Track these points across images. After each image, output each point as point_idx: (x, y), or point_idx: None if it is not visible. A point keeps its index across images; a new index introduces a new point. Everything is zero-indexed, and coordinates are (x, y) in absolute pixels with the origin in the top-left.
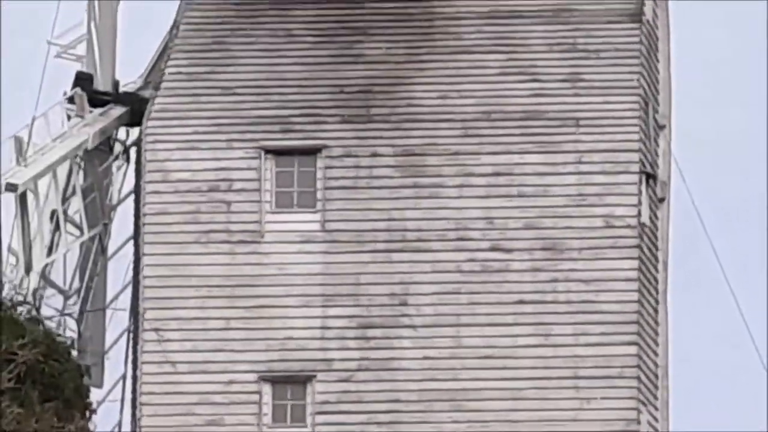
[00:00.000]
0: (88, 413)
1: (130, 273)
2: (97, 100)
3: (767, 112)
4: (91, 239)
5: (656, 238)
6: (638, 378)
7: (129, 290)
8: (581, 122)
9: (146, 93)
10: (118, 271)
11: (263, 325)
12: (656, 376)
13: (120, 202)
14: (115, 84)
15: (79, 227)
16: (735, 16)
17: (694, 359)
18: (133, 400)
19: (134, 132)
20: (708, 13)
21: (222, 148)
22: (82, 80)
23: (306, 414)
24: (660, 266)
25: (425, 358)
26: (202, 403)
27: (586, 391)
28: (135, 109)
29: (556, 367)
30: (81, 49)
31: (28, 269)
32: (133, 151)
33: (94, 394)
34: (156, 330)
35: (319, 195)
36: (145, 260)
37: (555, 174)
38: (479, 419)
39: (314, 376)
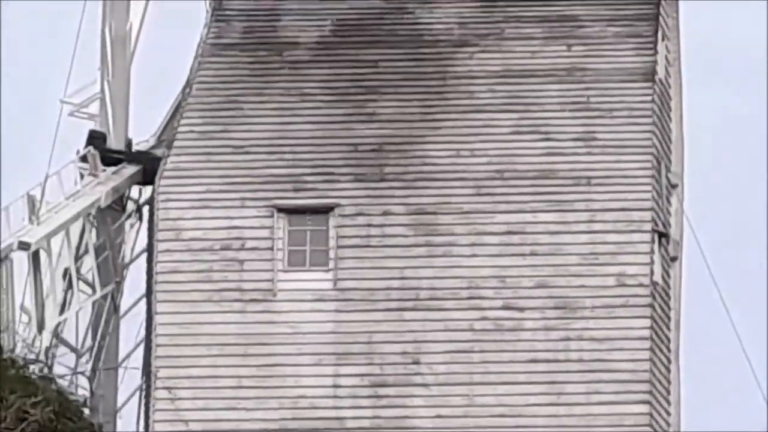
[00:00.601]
0: None
1: (143, 331)
2: (110, 158)
3: None
4: (104, 297)
5: (669, 297)
6: None
7: (141, 349)
8: (594, 181)
9: (159, 152)
10: (130, 330)
11: (275, 384)
12: None
13: (132, 260)
14: (128, 143)
15: (92, 285)
16: (747, 75)
17: (707, 418)
18: None
19: (147, 190)
20: (720, 72)
21: (235, 206)
22: (95, 139)
23: None
24: (672, 325)
25: (438, 416)
26: None
27: None
28: (148, 167)
29: (569, 426)
30: (94, 108)
31: (41, 328)
32: (145, 210)
33: None
34: (168, 388)
35: (331, 254)
36: (157, 319)
37: (567, 233)
38: None
39: None
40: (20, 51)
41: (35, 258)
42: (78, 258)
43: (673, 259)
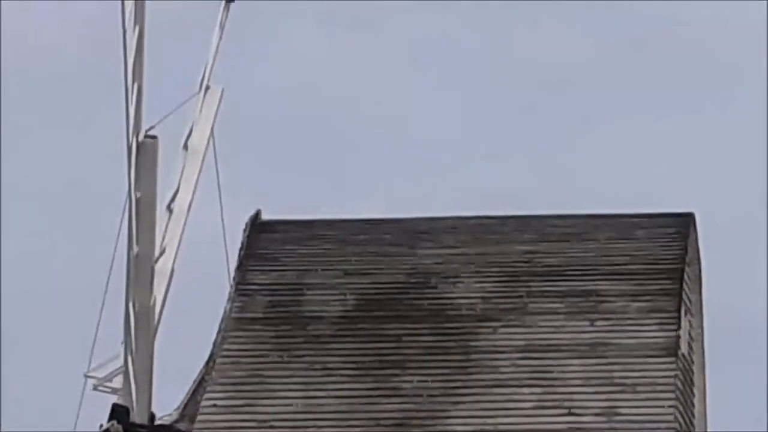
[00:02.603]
0: None
1: None
2: None
3: None
4: None
5: None
6: None
7: None
8: None
9: (182, 426)
10: None
11: None
12: None
13: None
14: (151, 416)
15: None
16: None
17: None
18: None
19: None
20: (743, 344)
21: None
22: (118, 412)
23: None
24: None
25: None
26: None
27: None
28: None
29: None
30: (117, 382)
31: None
32: None
33: None
34: None
35: None
36: None
37: None
38: None
39: None
40: (45, 323)
41: None
42: None
43: None
